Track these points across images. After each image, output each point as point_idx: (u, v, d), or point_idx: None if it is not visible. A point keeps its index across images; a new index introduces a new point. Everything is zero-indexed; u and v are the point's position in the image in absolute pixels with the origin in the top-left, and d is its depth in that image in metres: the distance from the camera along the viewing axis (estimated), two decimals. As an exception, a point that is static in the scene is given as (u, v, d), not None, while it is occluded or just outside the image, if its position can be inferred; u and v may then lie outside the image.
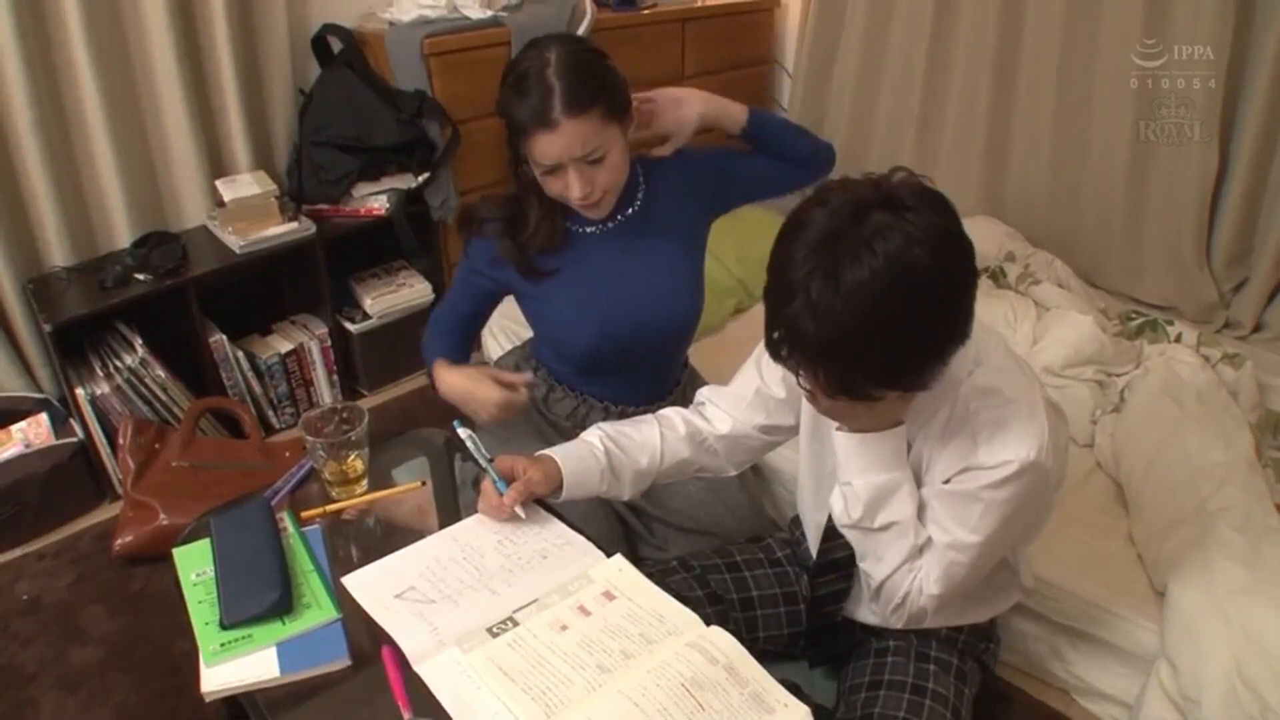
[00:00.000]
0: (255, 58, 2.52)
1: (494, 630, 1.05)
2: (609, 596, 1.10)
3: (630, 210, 1.56)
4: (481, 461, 1.24)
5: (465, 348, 1.65)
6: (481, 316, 1.68)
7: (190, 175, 2.44)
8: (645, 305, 1.55)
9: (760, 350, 1.34)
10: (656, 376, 1.69)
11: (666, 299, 1.57)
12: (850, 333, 0.92)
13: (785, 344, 0.98)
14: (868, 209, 0.93)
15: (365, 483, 1.33)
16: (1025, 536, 1.26)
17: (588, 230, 1.56)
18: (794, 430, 1.34)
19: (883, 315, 0.92)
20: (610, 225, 1.56)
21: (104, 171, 2.30)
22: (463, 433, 1.28)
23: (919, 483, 1.16)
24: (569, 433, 1.59)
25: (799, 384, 1.05)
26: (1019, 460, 1.05)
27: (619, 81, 1.44)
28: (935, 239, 0.92)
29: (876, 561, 1.17)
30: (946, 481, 1.12)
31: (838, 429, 1.14)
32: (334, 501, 1.30)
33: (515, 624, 1.06)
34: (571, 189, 1.41)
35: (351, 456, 1.30)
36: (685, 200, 1.59)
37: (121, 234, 2.37)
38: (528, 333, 1.70)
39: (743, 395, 1.34)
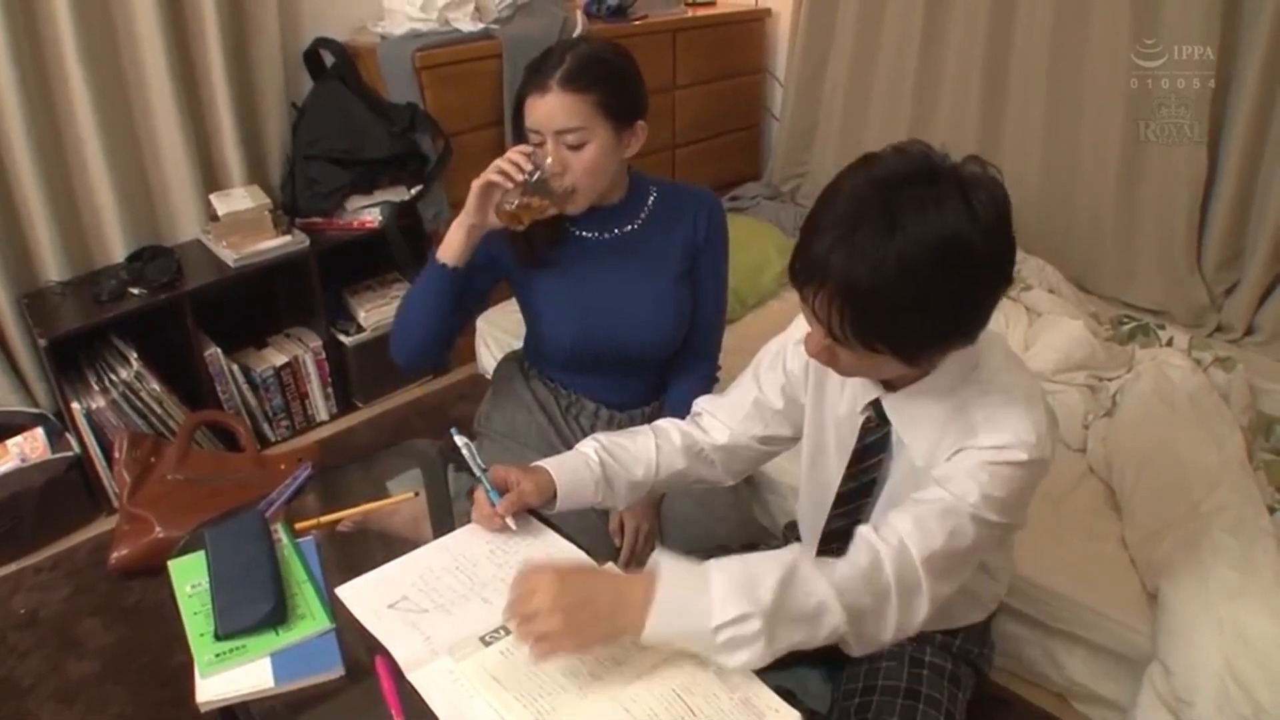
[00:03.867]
0: (248, 71, 2.53)
1: (486, 639, 1.06)
2: (601, 604, 1.11)
3: (630, 227, 1.57)
4: (476, 470, 1.24)
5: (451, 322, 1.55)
6: (467, 293, 1.54)
7: (184, 189, 2.45)
8: (624, 323, 1.57)
9: (759, 360, 1.34)
10: (642, 381, 1.69)
11: (645, 324, 1.58)
12: (884, 272, 0.93)
13: (807, 256, 0.98)
14: (941, 178, 0.95)
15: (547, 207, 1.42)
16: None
17: (585, 235, 1.57)
18: (792, 441, 1.34)
19: (921, 266, 0.93)
20: (607, 236, 1.57)
21: (98, 186, 2.31)
22: (459, 440, 1.28)
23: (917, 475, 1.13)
24: (568, 436, 1.61)
25: (811, 312, 1.01)
26: (1020, 443, 1.04)
27: (632, 88, 1.46)
28: (996, 225, 0.95)
29: (877, 622, 1.03)
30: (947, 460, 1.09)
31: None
32: (347, 508, 1.31)
33: (507, 632, 1.06)
34: None
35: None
36: (684, 231, 1.59)
37: (116, 248, 2.38)
38: (518, 343, 1.71)
39: (740, 405, 1.33)
